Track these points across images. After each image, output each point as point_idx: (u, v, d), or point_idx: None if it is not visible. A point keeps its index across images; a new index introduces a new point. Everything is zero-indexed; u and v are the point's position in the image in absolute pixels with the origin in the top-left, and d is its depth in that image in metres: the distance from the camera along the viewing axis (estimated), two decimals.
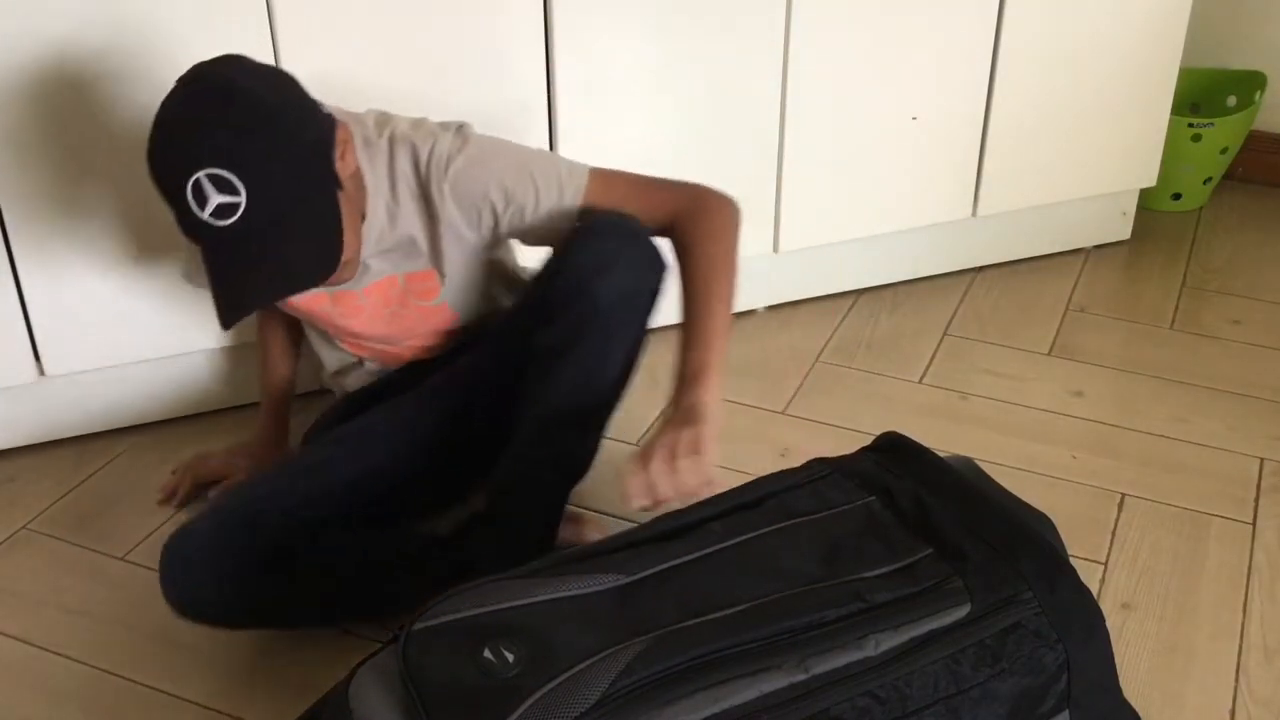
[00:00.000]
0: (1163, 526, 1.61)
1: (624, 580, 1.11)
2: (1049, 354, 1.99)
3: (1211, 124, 2.31)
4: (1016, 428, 1.80)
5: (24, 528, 1.63)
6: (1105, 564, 1.54)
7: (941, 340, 2.03)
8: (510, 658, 1.00)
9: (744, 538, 1.18)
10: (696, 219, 1.38)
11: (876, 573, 1.14)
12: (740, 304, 2.08)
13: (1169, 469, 1.71)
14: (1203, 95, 2.45)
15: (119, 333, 1.69)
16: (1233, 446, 1.76)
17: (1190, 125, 2.30)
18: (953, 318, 2.09)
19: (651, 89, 1.81)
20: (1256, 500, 1.65)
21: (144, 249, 1.65)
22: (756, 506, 1.23)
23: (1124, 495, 1.66)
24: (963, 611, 1.10)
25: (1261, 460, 1.73)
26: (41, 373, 1.68)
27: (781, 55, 1.85)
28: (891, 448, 1.32)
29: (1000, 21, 1.96)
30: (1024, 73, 2.01)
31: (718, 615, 1.07)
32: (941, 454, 1.30)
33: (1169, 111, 2.16)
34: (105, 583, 1.53)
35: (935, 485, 1.25)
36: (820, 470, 1.28)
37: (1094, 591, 1.49)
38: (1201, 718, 1.34)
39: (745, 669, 1.02)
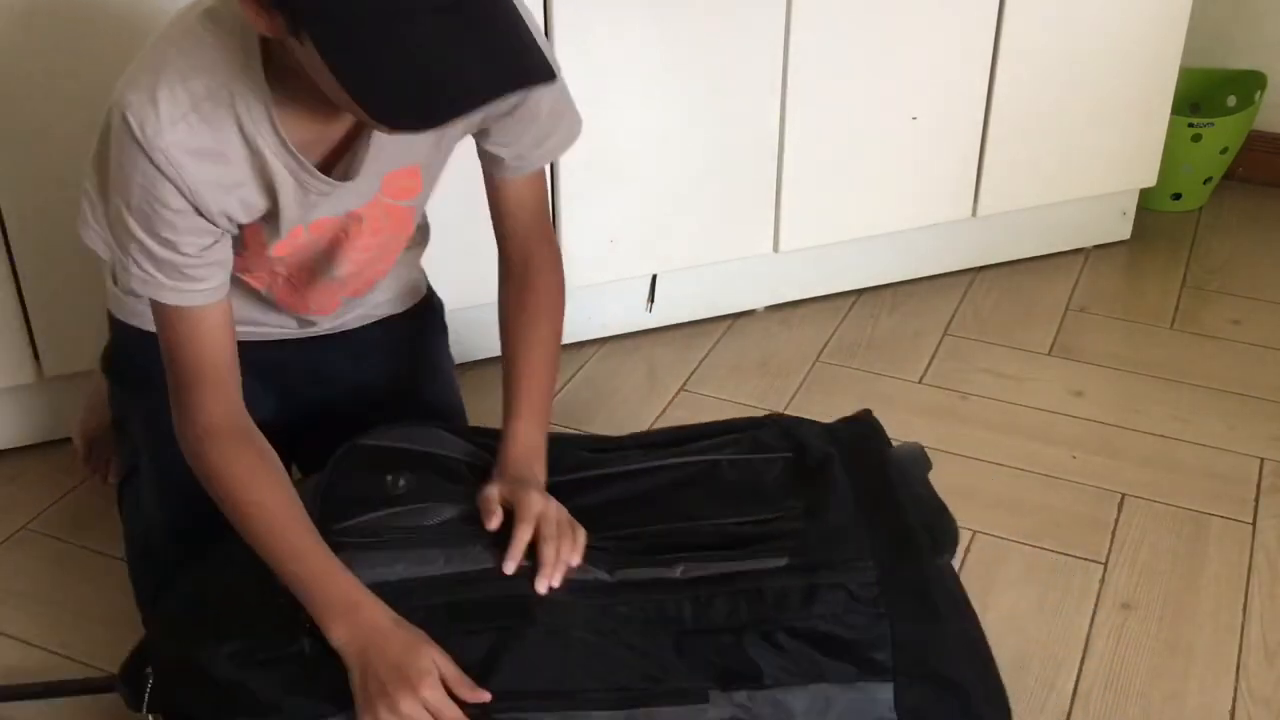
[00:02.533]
0: (1163, 526, 1.61)
1: None
2: (1049, 354, 1.99)
3: (1211, 124, 2.31)
4: (1016, 428, 1.80)
5: (24, 528, 1.63)
6: (1105, 564, 1.54)
7: (941, 340, 2.03)
8: (403, 484, 1.20)
9: (645, 466, 1.29)
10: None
11: (737, 520, 1.22)
12: (740, 304, 2.10)
13: (1169, 469, 1.71)
14: (1203, 95, 2.45)
15: None
16: (1233, 446, 1.76)
17: (1190, 125, 2.30)
18: (953, 318, 2.09)
19: (651, 89, 1.81)
20: (1256, 500, 1.65)
21: None
22: (681, 443, 1.33)
23: (1124, 495, 1.66)
24: (778, 562, 1.16)
25: (1261, 460, 1.73)
26: (41, 373, 1.68)
27: (781, 55, 1.85)
28: (853, 420, 1.37)
29: (1000, 21, 1.95)
30: (1024, 73, 2.01)
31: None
32: (895, 442, 1.34)
33: (1169, 111, 2.16)
34: (105, 583, 1.53)
35: (854, 460, 1.30)
36: (763, 421, 1.37)
37: (1094, 591, 1.49)
38: (1201, 718, 1.34)
39: None
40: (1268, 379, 1.91)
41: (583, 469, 1.31)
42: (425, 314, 1.54)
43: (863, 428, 1.35)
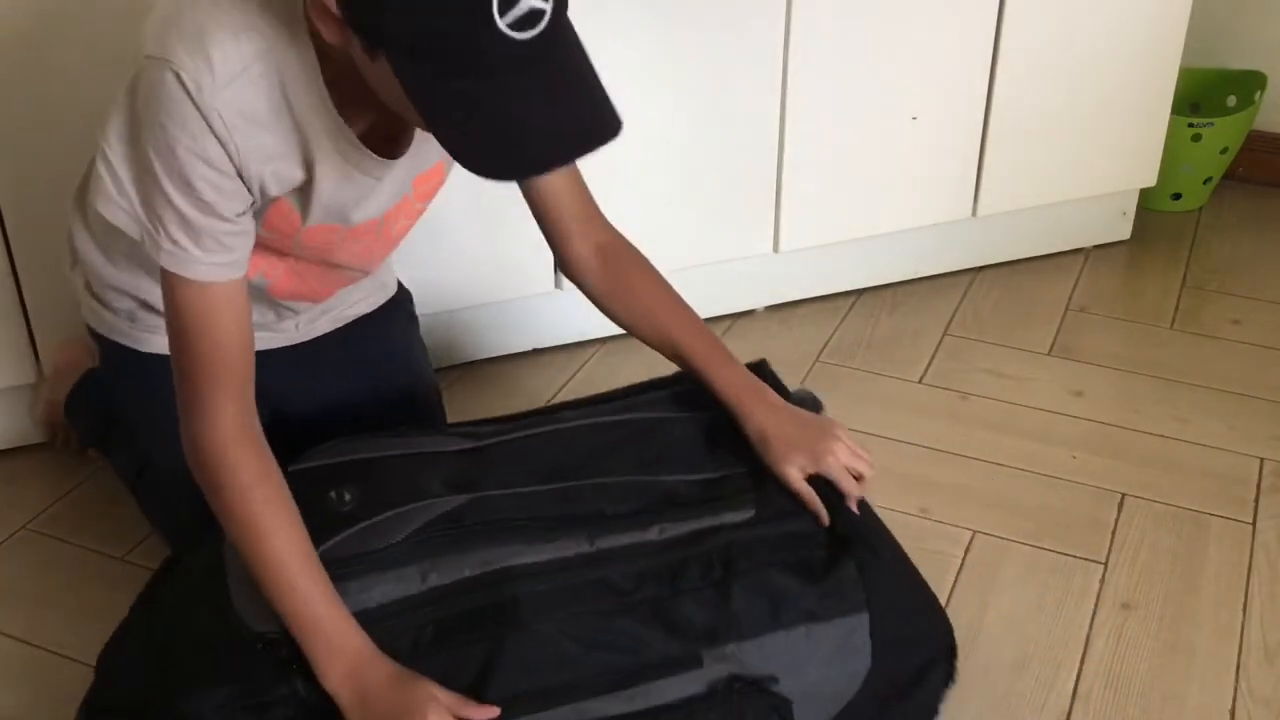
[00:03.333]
0: (1163, 526, 1.61)
1: (469, 445, 1.28)
2: (1049, 354, 1.99)
3: (1211, 124, 2.31)
4: (1016, 428, 1.80)
5: (24, 528, 1.63)
6: (1105, 564, 1.54)
7: (941, 340, 2.03)
8: (348, 497, 1.18)
9: (586, 422, 1.32)
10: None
11: (689, 477, 1.25)
12: (740, 304, 2.10)
13: (1169, 469, 1.71)
14: (1203, 95, 2.45)
15: None
16: (1233, 446, 1.76)
17: (1190, 125, 2.30)
18: (953, 318, 2.09)
19: (651, 89, 1.81)
20: (1256, 500, 1.65)
21: None
22: (614, 400, 1.36)
23: (1124, 495, 1.66)
24: (745, 515, 1.21)
25: (1261, 460, 1.73)
26: (41, 373, 1.68)
27: (781, 55, 1.85)
28: (758, 371, 1.39)
29: (1000, 22, 1.96)
30: (1024, 73, 2.01)
31: (533, 489, 1.22)
32: (793, 390, 1.39)
33: (1169, 111, 2.16)
34: (105, 583, 1.53)
35: None
36: (680, 377, 1.39)
37: (1094, 591, 1.49)
38: (1201, 718, 1.34)
39: (541, 537, 1.16)
40: (1268, 379, 1.91)
41: (519, 429, 1.32)
42: (392, 309, 1.53)
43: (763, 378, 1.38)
